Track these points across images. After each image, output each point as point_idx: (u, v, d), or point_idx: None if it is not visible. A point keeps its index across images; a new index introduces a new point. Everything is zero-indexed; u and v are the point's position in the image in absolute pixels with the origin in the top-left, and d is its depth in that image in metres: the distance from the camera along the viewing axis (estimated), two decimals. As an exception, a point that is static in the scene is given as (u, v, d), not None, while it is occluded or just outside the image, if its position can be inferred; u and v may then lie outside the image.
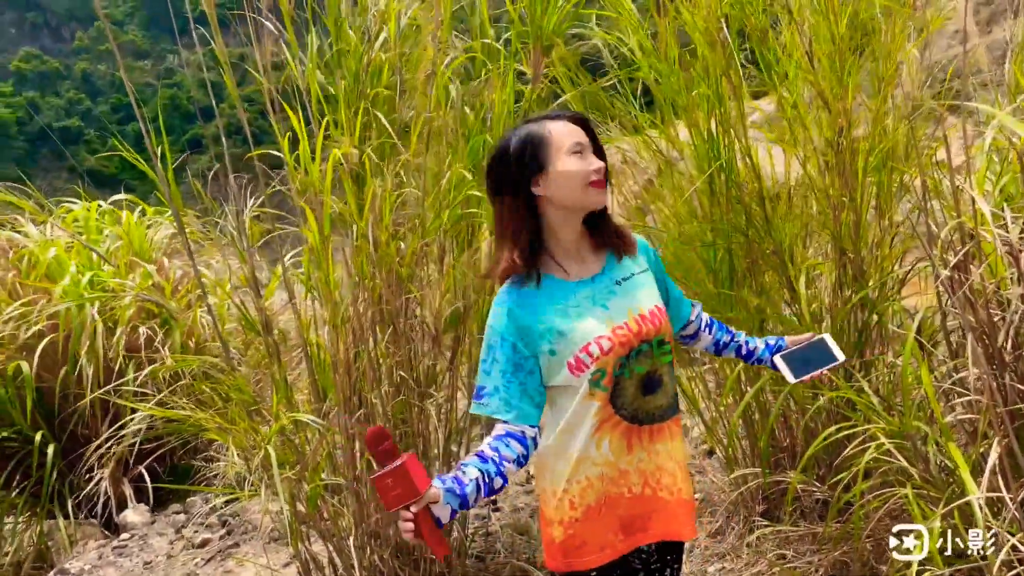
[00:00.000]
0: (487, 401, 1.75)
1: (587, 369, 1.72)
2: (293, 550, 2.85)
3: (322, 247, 2.49)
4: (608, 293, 1.81)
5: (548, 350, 1.74)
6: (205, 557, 3.81)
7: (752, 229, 2.86)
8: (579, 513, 1.77)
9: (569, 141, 1.75)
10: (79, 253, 6.10)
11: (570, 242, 1.83)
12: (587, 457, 1.76)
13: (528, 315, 1.75)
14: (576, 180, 1.74)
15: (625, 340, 1.75)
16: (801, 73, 2.77)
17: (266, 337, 3.01)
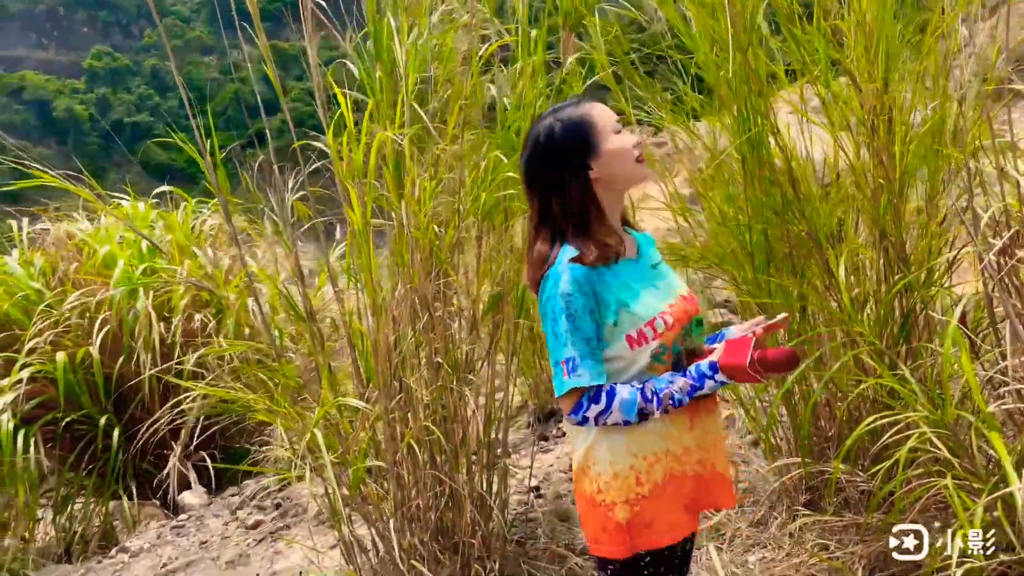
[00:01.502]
0: (581, 372, 1.70)
1: (647, 343, 1.73)
2: (337, 533, 2.92)
3: (364, 231, 2.55)
4: (654, 275, 1.86)
5: (613, 321, 1.73)
6: (256, 538, 3.93)
7: (789, 211, 2.81)
8: (646, 490, 1.75)
9: (611, 120, 1.80)
10: (130, 247, 6.33)
11: (616, 222, 1.87)
12: (652, 430, 1.75)
13: (600, 284, 1.74)
14: (627, 157, 1.78)
15: (680, 316, 1.79)
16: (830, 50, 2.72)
17: (310, 325, 3.09)
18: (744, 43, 2.74)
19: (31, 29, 62.56)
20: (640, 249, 1.90)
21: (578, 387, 1.70)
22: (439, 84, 3.07)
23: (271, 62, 2.94)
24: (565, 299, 1.70)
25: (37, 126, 55.79)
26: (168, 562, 3.94)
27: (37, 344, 5.60)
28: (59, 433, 5.67)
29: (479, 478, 3.04)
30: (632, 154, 1.78)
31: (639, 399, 1.70)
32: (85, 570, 4.16)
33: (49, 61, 58.09)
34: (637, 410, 1.70)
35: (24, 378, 5.38)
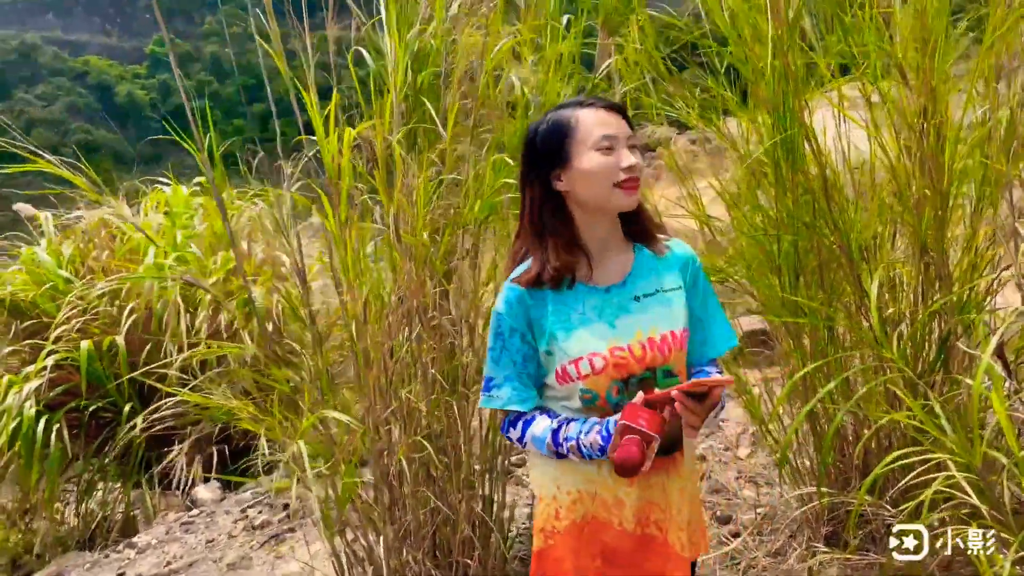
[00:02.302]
0: (497, 393, 1.66)
1: (572, 382, 1.58)
2: (328, 545, 2.79)
3: (339, 234, 2.40)
4: (619, 309, 1.62)
5: (545, 350, 1.62)
6: (261, 540, 3.84)
7: (820, 221, 2.58)
8: (562, 525, 1.65)
9: (597, 133, 1.56)
10: (165, 235, 6.30)
11: (595, 244, 1.65)
12: (583, 471, 1.63)
13: (536, 308, 1.61)
14: (600, 179, 1.56)
15: (622, 364, 1.57)
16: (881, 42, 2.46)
17: (310, 327, 2.96)
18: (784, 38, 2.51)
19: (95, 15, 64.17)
20: (631, 275, 1.67)
21: (490, 408, 1.70)
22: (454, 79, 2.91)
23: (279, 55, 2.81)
24: (497, 318, 1.65)
25: (99, 110, 57.27)
26: (172, 561, 3.88)
27: (63, 332, 5.62)
28: (83, 420, 5.69)
29: (481, 495, 2.88)
30: (609, 177, 1.55)
31: (549, 440, 1.61)
32: (91, 564, 4.12)
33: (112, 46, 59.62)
34: (547, 450, 1.61)
35: (48, 365, 5.41)
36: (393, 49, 2.72)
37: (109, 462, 5.79)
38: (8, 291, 6.08)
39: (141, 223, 6.49)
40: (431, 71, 2.85)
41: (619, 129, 1.58)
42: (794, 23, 2.42)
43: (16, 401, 5.26)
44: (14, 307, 6.05)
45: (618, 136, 1.57)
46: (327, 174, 2.41)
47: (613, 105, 1.62)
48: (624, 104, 1.69)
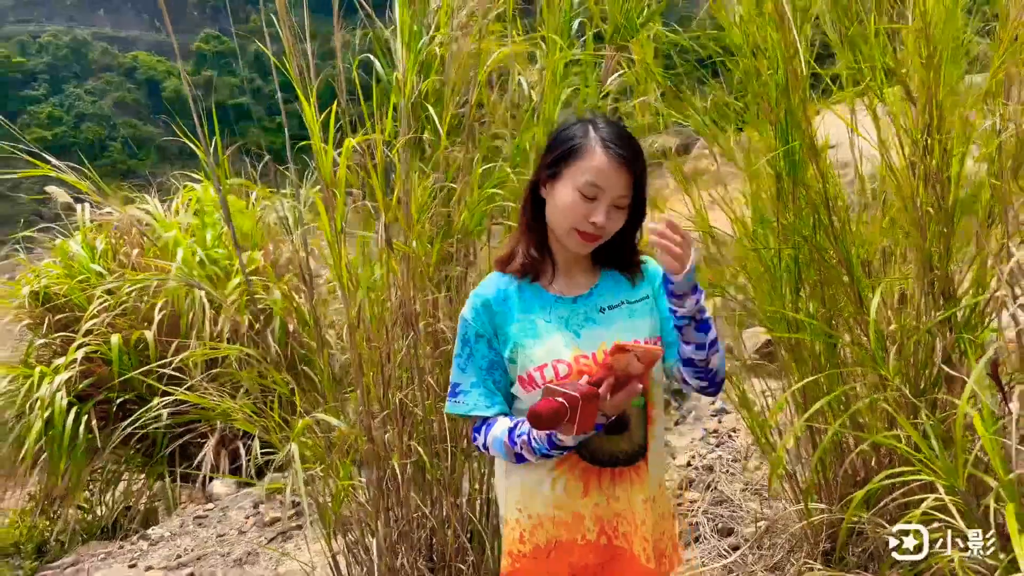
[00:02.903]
0: (463, 399, 1.67)
1: (536, 388, 1.58)
2: (326, 544, 2.83)
3: (335, 243, 2.43)
4: (585, 320, 1.64)
5: (508, 357, 1.63)
6: (269, 536, 3.91)
7: (820, 235, 2.54)
8: (528, 549, 1.65)
9: (590, 178, 1.54)
10: (195, 233, 6.41)
11: (560, 259, 1.69)
12: (539, 492, 1.63)
13: (502, 315, 1.64)
14: (566, 216, 1.58)
15: (586, 371, 1.56)
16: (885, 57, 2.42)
17: (316, 329, 3.00)
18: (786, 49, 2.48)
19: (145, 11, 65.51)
20: (596, 287, 1.69)
21: (455, 415, 1.69)
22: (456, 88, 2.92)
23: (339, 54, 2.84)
24: (462, 323, 1.67)
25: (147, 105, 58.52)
26: (182, 554, 3.96)
27: (94, 325, 5.75)
28: (111, 412, 5.81)
29: (475, 500, 2.89)
30: (573, 220, 1.56)
31: (506, 439, 1.60)
32: (105, 555, 4.23)
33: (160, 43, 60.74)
34: (505, 451, 1.60)
35: (79, 358, 5.54)
36: (403, 57, 2.74)
37: (134, 454, 5.94)
38: (43, 284, 6.25)
39: (171, 221, 6.63)
40: (435, 79, 2.87)
41: (613, 186, 1.55)
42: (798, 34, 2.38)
43: (48, 391, 5.40)
44: (47, 300, 6.22)
45: (606, 190, 1.55)
46: (323, 182, 2.44)
47: (628, 160, 1.56)
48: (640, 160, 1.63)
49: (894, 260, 2.80)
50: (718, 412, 4.84)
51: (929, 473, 2.02)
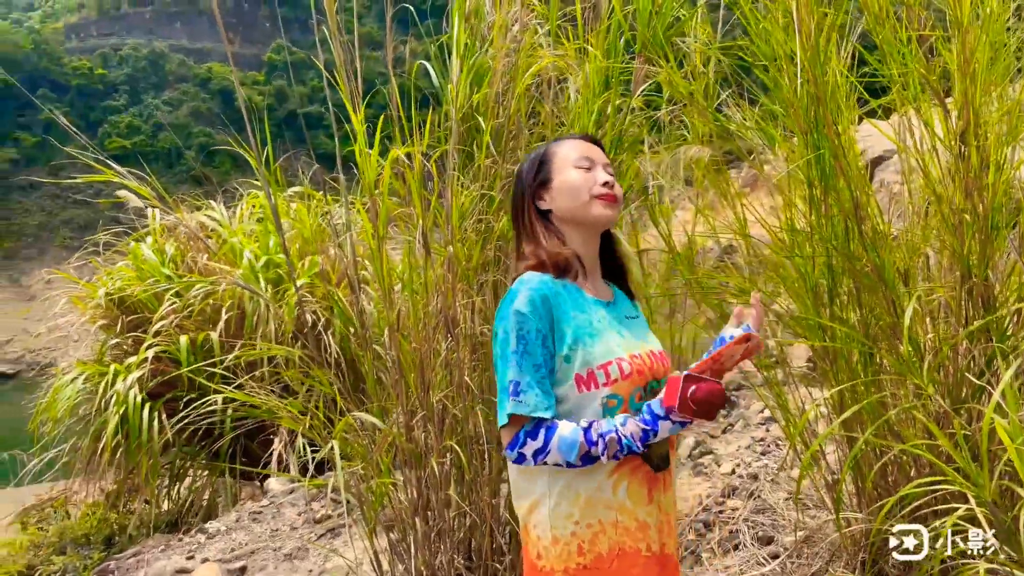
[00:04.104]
0: (525, 398, 1.53)
1: (596, 388, 1.55)
2: (367, 542, 2.94)
3: (376, 248, 2.54)
4: (622, 323, 1.71)
5: (564, 354, 1.57)
6: (318, 533, 4.05)
7: (853, 243, 2.54)
8: (588, 560, 1.56)
9: (576, 154, 1.70)
10: (258, 239, 6.65)
11: (587, 261, 1.73)
12: (600, 499, 1.56)
13: (558, 309, 1.58)
14: (579, 191, 1.66)
15: (641, 370, 1.62)
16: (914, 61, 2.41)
17: (360, 331, 3.12)
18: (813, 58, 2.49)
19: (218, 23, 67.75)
20: (616, 298, 1.78)
21: (518, 415, 1.53)
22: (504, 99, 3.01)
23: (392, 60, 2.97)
24: (518, 318, 1.56)
25: (220, 114, 60.29)
26: (236, 548, 4.13)
27: (163, 326, 6.02)
28: (179, 410, 6.05)
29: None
30: (588, 188, 1.66)
31: (581, 440, 1.51)
32: (165, 546, 4.43)
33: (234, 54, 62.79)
34: (579, 453, 1.51)
35: (149, 357, 5.81)
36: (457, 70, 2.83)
37: (199, 451, 6.19)
38: (117, 286, 6.57)
39: (236, 227, 6.90)
40: (485, 91, 2.96)
41: (595, 154, 1.71)
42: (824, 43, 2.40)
43: (123, 388, 5.67)
44: (121, 301, 6.53)
45: (594, 158, 1.70)
46: (364, 190, 2.56)
47: (589, 137, 1.78)
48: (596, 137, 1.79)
49: (936, 268, 2.77)
50: (766, 421, 4.80)
51: (960, 483, 2.01)
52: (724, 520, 3.61)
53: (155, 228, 6.77)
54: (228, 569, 3.82)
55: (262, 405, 2.79)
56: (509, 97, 2.78)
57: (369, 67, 3.09)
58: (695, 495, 3.92)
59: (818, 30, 2.38)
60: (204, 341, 6.02)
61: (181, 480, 6.27)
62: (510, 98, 2.77)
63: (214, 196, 7.45)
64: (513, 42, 2.97)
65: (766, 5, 2.59)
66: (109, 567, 4.36)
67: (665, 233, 3.13)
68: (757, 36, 2.63)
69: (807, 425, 3.14)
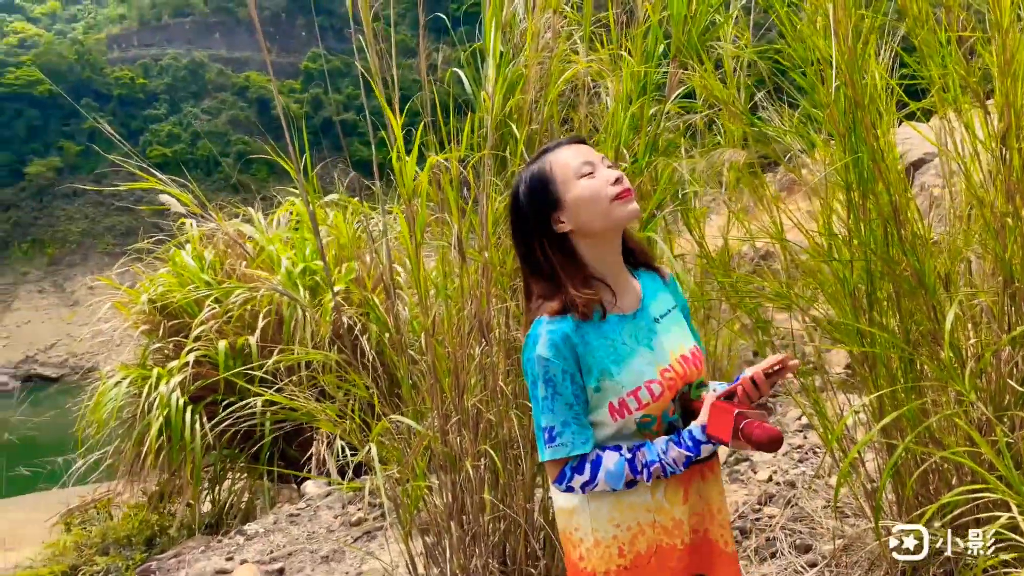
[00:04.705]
0: (562, 441, 1.60)
1: (630, 413, 1.60)
2: (402, 544, 2.96)
3: (413, 253, 2.56)
4: (650, 332, 1.69)
5: (594, 387, 1.61)
6: (355, 535, 4.09)
7: (892, 247, 2.51)
8: (628, 561, 1.64)
9: (575, 164, 1.64)
10: (295, 246, 6.74)
11: (609, 271, 1.70)
12: (639, 503, 1.63)
13: (582, 346, 1.61)
14: (598, 199, 1.61)
15: (673, 384, 1.64)
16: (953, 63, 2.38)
17: (395, 336, 3.16)
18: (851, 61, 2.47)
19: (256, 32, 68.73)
20: (644, 299, 1.73)
21: (558, 458, 1.61)
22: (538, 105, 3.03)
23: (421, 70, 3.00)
24: (543, 364, 1.59)
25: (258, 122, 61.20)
26: (274, 549, 4.19)
27: (203, 331, 6.13)
28: (219, 414, 6.14)
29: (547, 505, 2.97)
30: (605, 194, 1.60)
31: (626, 471, 1.59)
32: (205, 547, 4.51)
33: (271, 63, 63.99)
34: (625, 482, 1.60)
35: (190, 361, 5.91)
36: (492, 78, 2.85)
37: (239, 454, 6.29)
38: (159, 292, 6.70)
39: (273, 234, 7.00)
40: (518, 98, 2.97)
41: (591, 154, 1.67)
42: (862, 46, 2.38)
43: (166, 391, 5.78)
44: (162, 307, 6.66)
45: (593, 160, 1.65)
46: (401, 196, 2.59)
47: (572, 140, 1.72)
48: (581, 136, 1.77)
49: (978, 273, 2.73)
50: (804, 428, 4.75)
51: (1003, 491, 1.98)
52: (761, 528, 3.58)
53: (194, 235, 6.88)
54: (266, 570, 3.87)
55: (301, 408, 2.83)
56: (542, 103, 2.79)
57: (403, 74, 3.12)
58: (731, 502, 3.89)
59: (855, 33, 2.35)
60: (243, 346, 6.11)
61: (220, 483, 6.37)
62: (543, 104, 2.78)
63: (252, 203, 7.56)
64: (546, 49, 2.99)
65: (803, 8, 2.58)
66: (151, 567, 4.44)
67: (699, 237, 3.12)
68: (793, 39, 2.61)
69: (845, 432, 3.10)
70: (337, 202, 7.12)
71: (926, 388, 2.63)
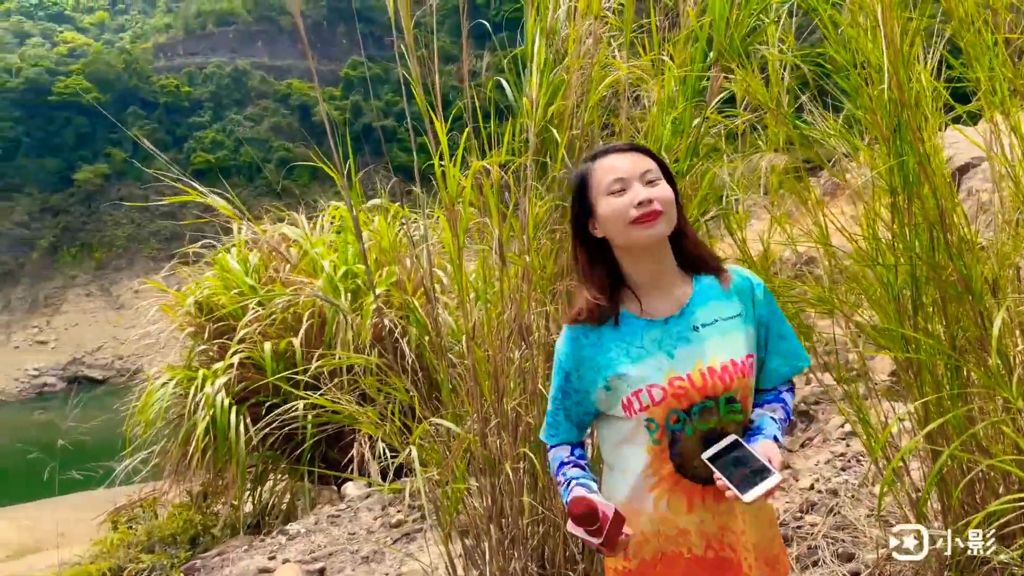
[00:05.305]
0: (545, 426, 1.88)
1: (636, 412, 1.65)
2: (441, 546, 2.99)
3: (456, 257, 2.59)
4: (678, 339, 1.69)
5: (603, 386, 1.70)
6: (394, 536, 4.13)
7: (938, 252, 2.47)
8: (633, 565, 1.71)
9: (608, 179, 1.66)
10: (338, 249, 6.82)
11: (645, 278, 1.73)
12: (643, 512, 1.69)
13: (591, 346, 1.71)
14: (616, 221, 1.65)
15: (681, 393, 1.64)
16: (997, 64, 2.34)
17: (435, 339, 3.19)
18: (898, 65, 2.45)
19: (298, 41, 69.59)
20: (690, 306, 1.71)
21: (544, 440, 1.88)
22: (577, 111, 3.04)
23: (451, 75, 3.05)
24: (556, 357, 1.80)
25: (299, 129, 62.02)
26: (316, 549, 4.25)
27: (247, 334, 6.24)
28: (262, 415, 6.23)
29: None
30: (626, 217, 1.62)
31: (554, 468, 1.84)
32: (248, 546, 4.58)
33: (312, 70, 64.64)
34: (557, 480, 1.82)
35: (235, 363, 6.02)
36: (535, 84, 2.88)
37: (280, 455, 6.37)
38: (205, 295, 6.83)
39: (317, 239, 7.10)
40: (559, 103, 2.99)
41: (630, 169, 1.66)
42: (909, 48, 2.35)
43: (211, 391, 5.88)
44: (209, 310, 6.79)
45: (628, 176, 1.65)
46: (444, 201, 2.62)
47: (625, 147, 1.72)
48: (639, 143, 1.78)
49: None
50: (846, 436, 4.68)
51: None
52: (803, 536, 3.54)
53: (239, 240, 7.01)
54: (308, 570, 3.93)
55: (344, 412, 2.87)
56: (583, 109, 2.80)
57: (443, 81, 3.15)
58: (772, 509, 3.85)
59: (902, 34, 2.33)
60: (286, 348, 6.20)
61: (262, 484, 6.47)
62: (584, 110, 2.80)
63: (296, 208, 7.68)
64: (587, 55, 3.00)
65: (849, 9, 2.56)
66: (196, 565, 4.53)
67: (741, 242, 3.10)
68: (837, 41, 2.59)
69: (889, 440, 3.06)
70: (378, 207, 7.21)
71: (972, 395, 2.59)
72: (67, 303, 54.06)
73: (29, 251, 56.58)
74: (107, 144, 61.52)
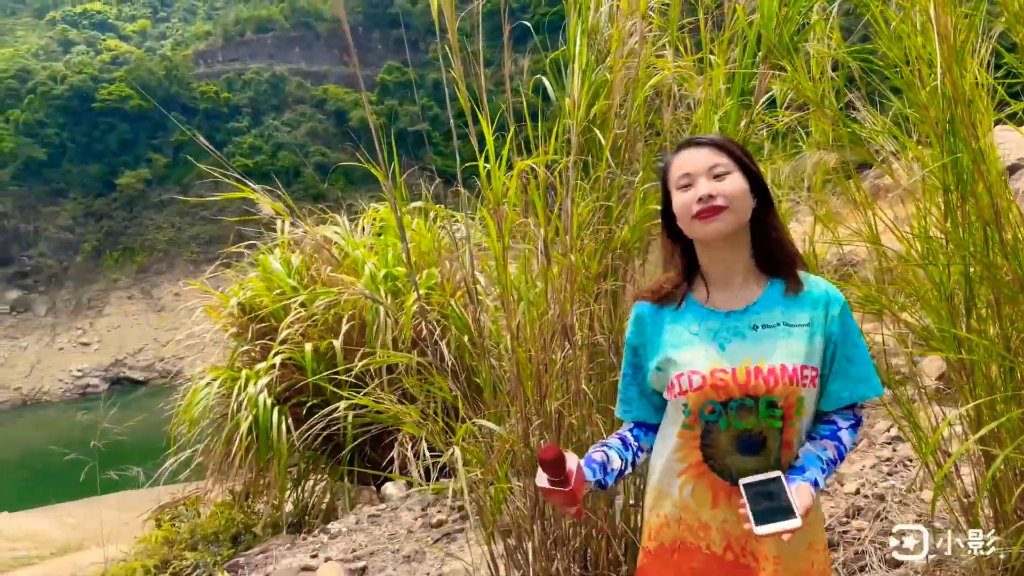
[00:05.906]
0: (617, 404, 1.94)
1: (676, 396, 1.69)
2: (484, 546, 2.99)
3: (501, 258, 2.60)
4: (735, 334, 1.69)
5: (655, 366, 1.76)
6: (435, 537, 4.14)
7: (992, 251, 2.42)
8: (653, 546, 1.77)
9: (677, 175, 1.71)
10: (379, 251, 6.87)
11: (717, 270, 1.75)
12: (669, 495, 1.74)
13: (653, 326, 1.78)
14: (682, 216, 1.71)
15: (721, 385, 1.64)
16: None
17: (478, 340, 3.20)
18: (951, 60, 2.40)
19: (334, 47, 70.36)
20: (755, 305, 1.70)
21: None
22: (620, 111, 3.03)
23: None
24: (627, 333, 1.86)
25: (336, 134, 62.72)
26: (357, 548, 4.28)
27: (289, 334, 6.30)
28: (303, 415, 6.29)
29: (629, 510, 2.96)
30: (686, 212, 1.68)
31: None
32: (291, 545, 4.63)
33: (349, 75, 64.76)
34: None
35: (277, 363, 6.09)
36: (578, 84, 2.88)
37: (321, 455, 6.43)
38: (247, 296, 6.92)
39: (359, 240, 7.15)
40: (602, 104, 2.98)
41: (697, 164, 1.69)
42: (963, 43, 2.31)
43: (254, 391, 5.96)
44: (251, 310, 6.87)
45: (694, 172, 1.68)
46: (489, 201, 2.63)
47: (702, 140, 1.74)
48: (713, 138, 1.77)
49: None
50: (893, 440, 4.60)
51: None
52: (849, 541, 3.49)
53: (283, 241, 7.08)
54: (349, 568, 3.96)
55: (387, 411, 2.89)
56: (627, 109, 2.80)
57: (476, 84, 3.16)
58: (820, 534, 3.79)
59: (956, 30, 2.29)
60: (327, 349, 6.26)
61: (303, 483, 6.53)
62: (628, 110, 2.79)
63: (336, 211, 7.75)
64: (632, 55, 2.99)
65: (900, 6, 2.52)
66: (239, 562, 4.59)
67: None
68: (888, 38, 2.55)
69: (939, 444, 3.00)
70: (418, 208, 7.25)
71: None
72: (109, 305, 55.13)
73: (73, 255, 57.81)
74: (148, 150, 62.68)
